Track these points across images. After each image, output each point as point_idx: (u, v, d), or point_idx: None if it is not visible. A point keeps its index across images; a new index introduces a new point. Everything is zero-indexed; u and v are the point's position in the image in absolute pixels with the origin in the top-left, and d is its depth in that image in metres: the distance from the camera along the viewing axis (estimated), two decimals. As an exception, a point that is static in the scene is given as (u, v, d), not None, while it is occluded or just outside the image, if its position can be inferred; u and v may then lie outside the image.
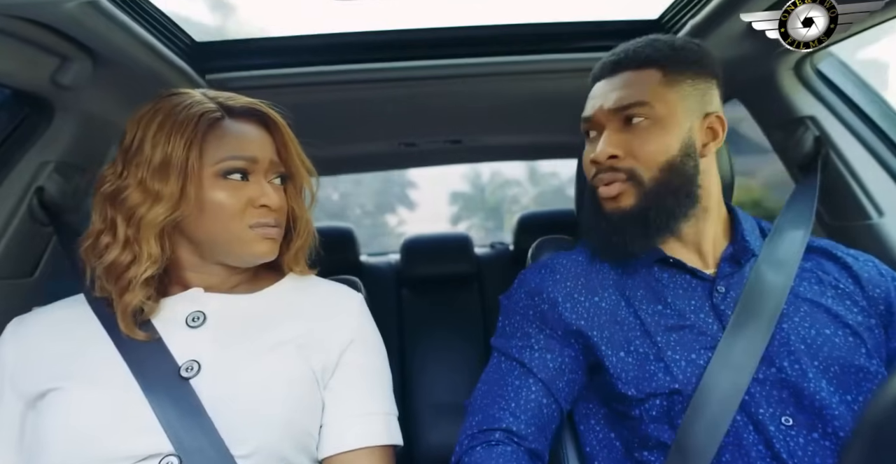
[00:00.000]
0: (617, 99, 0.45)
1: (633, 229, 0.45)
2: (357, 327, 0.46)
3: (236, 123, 0.43)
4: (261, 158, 0.42)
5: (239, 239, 0.42)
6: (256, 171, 0.43)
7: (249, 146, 0.42)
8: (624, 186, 0.44)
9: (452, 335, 1.13)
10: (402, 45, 0.71)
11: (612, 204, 0.46)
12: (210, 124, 0.41)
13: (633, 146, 0.44)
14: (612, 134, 0.45)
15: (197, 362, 0.39)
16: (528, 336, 0.47)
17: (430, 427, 1.02)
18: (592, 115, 0.47)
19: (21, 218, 0.56)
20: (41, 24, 0.46)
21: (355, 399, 0.43)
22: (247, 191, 0.42)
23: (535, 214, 1.34)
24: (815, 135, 0.64)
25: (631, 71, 0.45)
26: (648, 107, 0.44)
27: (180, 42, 0.65)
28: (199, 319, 0.42)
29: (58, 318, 0.42)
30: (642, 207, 0.44)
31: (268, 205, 0.42)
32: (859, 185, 0.62)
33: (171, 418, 0.36)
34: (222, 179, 0.41)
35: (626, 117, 0.45)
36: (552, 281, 0.48)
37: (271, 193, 0.42)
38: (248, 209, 0.42)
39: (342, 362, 0.44)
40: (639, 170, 0.44)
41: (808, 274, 0.46)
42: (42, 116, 0.58)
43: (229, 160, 0.41)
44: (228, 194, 0.41)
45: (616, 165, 0.45)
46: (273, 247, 0.43)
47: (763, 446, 0.38)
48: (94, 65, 0.54)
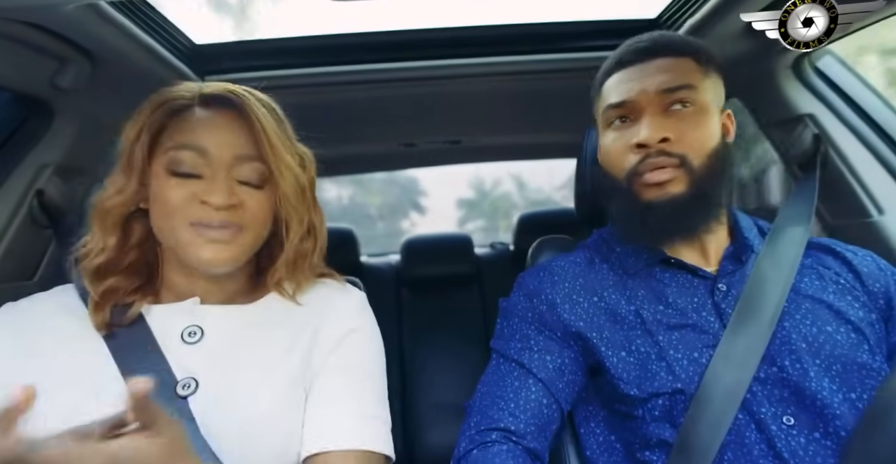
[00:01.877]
0: (662, 82, 0.42)
1: (684, 218, 0.42)
2: (358, 319, 0.44)
3: (202, 111, 0.38)
4: (216, 151, 0.37)
5: (182, 240, 0.37)
6: (211, 164, 0.37)
7: (203, 136, 0.37)
8: (676, 173, 0.42)
9: (453, 336, 1.13)
10: (400, 46, 0.71)
11: (657, 191, 0.42)
12: (170, 113, 0.38)
13: (683, 131, 0.42)
14: (656, 118, 0.42)
15: (194, 379, 0.37)
16: (528, 338, 0.46)
17: (431, 427, 1.01)
18: (632, 98, 0.43)
19: (21, 221, 0.56)
20: (40, 27, 0.46)
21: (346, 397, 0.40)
22: (193, 186, 0.37)
23: (535, 214, 1.34)
24: (813, 133, 0.64)
25: (668, 57, 0.44)
26: (694, 91, 0.43)
27: (179, 44, 0.65)
28: (195, 334, 0.39)
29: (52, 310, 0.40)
30: (692, 194, 0.42)
31: (208, 201, 0.36)
32: (859, 183, 0.62)
33: None
34: (170, 173, 0.37)
35: (671, 102, 0.43)
36: (550, 283, 0.48)
37: (218, 189, 0.36)
38: (191, 205, 0.37)
39: (338, 351, 0.41)
40: (690, 156, 0.42)
41: (808, 270, 0.45)
42: (41, 118, 0.58)
43: (174, 150, 0.37)
44: (171, 188, 0.37)
45: (668, 149, 0.42)
46: (223, 253, 0.37)
47: (765, 445, 0.38)
48: (93, 67, 0.54)
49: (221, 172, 0.38)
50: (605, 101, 0.46)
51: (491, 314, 1.18)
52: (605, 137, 0.47)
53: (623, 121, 0.45)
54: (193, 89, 0.40)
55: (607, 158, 0.46)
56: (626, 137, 0.44)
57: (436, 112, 0.91)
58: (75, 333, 0.39)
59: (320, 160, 0.45)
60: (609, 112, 0.46)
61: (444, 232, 1.55)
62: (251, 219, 0.39)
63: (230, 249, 0.38)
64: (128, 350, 0.38)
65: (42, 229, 0.58)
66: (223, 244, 0.38)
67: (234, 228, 0.38)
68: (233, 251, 0.38)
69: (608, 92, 0.46)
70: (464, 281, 1.24)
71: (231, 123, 0.39)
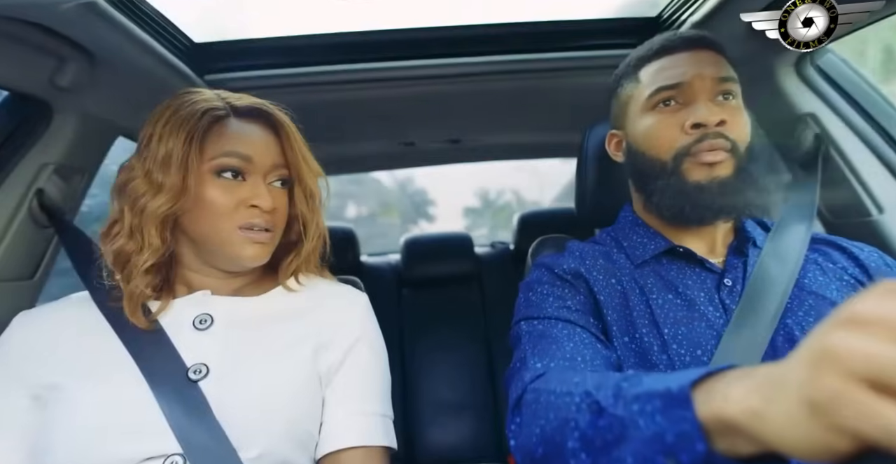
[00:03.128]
0: (717, 70, 0.44)
1: (730, 200, 0.43)
2: (362, 328, 0.46)
3: (239, 122, 0.43)
4: (258, 159, 0.42)
5: (227, 241, 0.41)
6: (253, 171, 0.42)
7: (247, 145, 0.42)
8: (725, 155, 0.42)
9: (453, 335, 1.13)
10: (400, 45, 0.71)
11: (708, 171, 0.43)
12: (212, 121, 0.42)
13: (734, 119, 0.43)
14: (711, 103, 0.43)
15: (205, 365, 0.39)
16: (563, 298, 0.44)
17: (431, 426, 1.01)
18: (689, 80, 0.44)
19: (21, 220, 0.56)
20: (39, 26, 0.46)
21: (354, 399, 0.43)
22: (240, 191, 0.41)
23: (535, 214, 1.33)
24: (815, 132, 0.64)
25: (710, 51, 0.45)
26: (738, 86, 0.44)
27: (179, 43, 0.65)
28: (206, 321, 0.42)
29: (65, 315, 0.42)
30: (736, 179, 0.43)
31: (258, 205, 0.41)
32: (860, 182, 0.62)
33: (180, 420, 0.36)
34: (217, 177, 0.41)
35: (723, 91, 0.44)
36: (572, 258, 0.49)
37: (265, 194, 0.42)
38: (239, 209, 0.41)
39: (347, 362, 0.44)
40: (738, 143, 0.43)
41: (812, 265, 0.45)
42: (41, 117, 0.57)
43: (223, 157, 0.41)
44: (220, 192, 0.41)
45: (724, 133, 0.43)
46: (261, 252, 0.43)
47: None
48: (92, 66, 0.54)
49: (261, 177, 0.43)
50: (650, 85, 0.46)
51: (491, 313, 1.17)
52: (647, 118, 0.47)
53: (668, 104, 0.46)
54: (217, 99, 0.44)
55: (653, 138, 0.46)
56: (678, 117, 0.45)
57: (436, 111, 0.91)
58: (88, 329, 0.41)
59: (320, 159, 0.47)
60: (658, 94, 0.46)
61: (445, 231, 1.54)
62: (280, 220, 0.44)
63: (267, 248, 0.43)
64: (140, 340, 0.39)
65: (42, 228, 0.58)
66: (262, 244, 0.43)
67: (274, 228, 0.43)
68: (268, 250, 0.44)
69: (653, 76, 0.47)
70: (464, 280, 1.24)
71: (265, 133, 0.44)
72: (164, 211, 0.40)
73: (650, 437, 0.25)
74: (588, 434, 0.29)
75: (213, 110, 0.42)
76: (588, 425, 0.29)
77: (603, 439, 0.28)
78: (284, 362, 0.41)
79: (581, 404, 0.30)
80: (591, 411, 0.29)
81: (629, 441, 0.26)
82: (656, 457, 0.25)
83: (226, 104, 0.43)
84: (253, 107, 0.44)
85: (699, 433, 0.23)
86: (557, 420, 0.31)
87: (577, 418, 0.30)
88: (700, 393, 0.24)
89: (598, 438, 0.28)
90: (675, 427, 0.24)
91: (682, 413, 0.24)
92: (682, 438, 0.24)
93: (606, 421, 0.28)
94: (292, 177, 0.45)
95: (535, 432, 0.33)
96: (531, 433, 0.33)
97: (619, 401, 0.28)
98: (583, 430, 0.29)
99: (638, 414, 0.26)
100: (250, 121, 0.44)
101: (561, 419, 0.31)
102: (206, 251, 0.43)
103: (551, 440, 0.31)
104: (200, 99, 0.42)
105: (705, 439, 0.23)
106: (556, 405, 0.32)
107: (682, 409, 0.24)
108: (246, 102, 0.44)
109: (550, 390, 0.34)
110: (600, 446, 0.28)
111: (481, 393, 1.06)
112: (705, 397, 0.23)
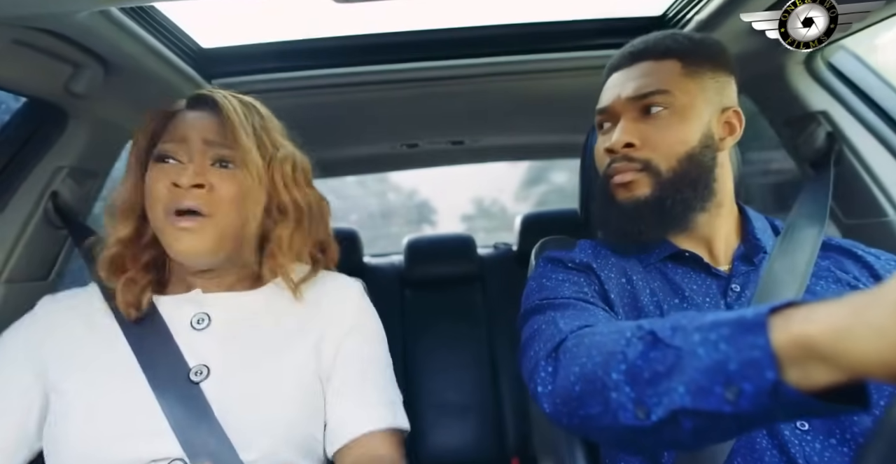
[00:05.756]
0: (636, 87, 0.44)
1: (648, 219, 0.43)
2: (356, 316, 0.45)
3: (189, 112, 0.43)
4: (192, 137, 0.41)
5: (162, 231, 0.40)
6: (188, 152, 0.40)
7: (183, 129, 0.41)
8: (637, 176, 0.43)
9: (456, 336, 1.12)
10: (404, 47, 0.72)
11: (625, 193, 0.44)
12: (167, 117, 0.43)
13: (652, 136, 0.43)
14: (629, 123, 0.44)
15: (206, 366, 0.39)
16: (578, 284, 0.44)
17: (434, 427, 1.01)
18: (609, 105, 0.45)
19: (36, 222, 0.58)
20: (55, 34, 0.47)
21: (357, 390, 0.42)
22: (170, 171, 0.40)
23: (539, 215, 1.33)
24: (827, 130, 0.63)
25: (650, 61, 0.45)
26: (669, 95, 0.43)
27: (187, 48, 0.66)
28: (203, 321, 0.41)
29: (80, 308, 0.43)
30: (657, 196, 0.43)
31: (177, 182, 0.38)
32: (874, 181, 0.60)
33: (182, 422, 0.36)
34: (155, 163, 0.41)
35: (644, 106, 0.44)
36: (583, 253, 0.48)
37: (188, 171, 0.39)
38: (166, 191, 0.39)
39: (343, 350, 0.43)
40: (655, 160, 0.43)
41: (825, 273, 0.44)
42: (56, 122, 0.59)
43: (161, 144, 0.41)
44: (155, 175, 0.40)
45: (631, 155, 0.43)
46: (195, 243, 0.39)
47: (777, 450, 0.37)
48: (105, 72, 0.56)
49: (196, 156, 0.40)
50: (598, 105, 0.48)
51: (494, 314, 1.16)
52: (597, 138, 0.49)
53: (604, 126, 0.47)
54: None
55: (595, 161, 0.49)
56: (602, 142, 0.47)
57: (439, 113, 0.91)
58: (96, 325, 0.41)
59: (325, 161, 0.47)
60: (597, 117, 0.48)
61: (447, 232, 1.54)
62: (217, 203, 0.40)
63: (200, 238, 0.39)
64: (144, 339, 0.40)
65: (56, 230, 0.60)
66: (192, 234, 0.39)
67: (201, 215, 0.39)
68: (204, 241, 0.39)
69: (600, 97, 0.48)
70: (467, 281, 1.24)
71: (208, 117, 0.42)
72: (125, 206, 0.41)
73: (709, 365, 0.24)
74: (636, 365, 0.27)
75: (169, 108, 0.43)
76: (638, 355, 0.27)
77: (652, 371, 0.26)
78: (284, 362, 0.41)
79: (632, 338, 0.28)
80: (643, 343, 0.28)
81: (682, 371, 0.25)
82: (713, 387, 0.23)
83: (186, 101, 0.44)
84: (199, 95, 0.44)
85: (770, 361, 0.21)
86: (602, 355, 0.30)
87: (627, 350, 0.28)
88: (777, 319, 0.22)
89: (646, 369, 0.26)
90: (742, 355, 0.22)
91: (752, 340, 0.22)
92: (749, 365, 0.22)
93: (660, 352, 0.26)
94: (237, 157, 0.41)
95: (574, 371, 0.31)
96: (569, 373, 0.32)
97: (678, 332, 0.26)
98: (631, 361, 0.27)
99: (699, 344, 0.24)
100: (198, 110, 0.43)
101: (606, 354, 0.29)
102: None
103: (592, 375, 0.30)
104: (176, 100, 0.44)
105: (776, 367, 0.21)
106: (603, 342, 0.31)
107: (753, 335, 0.22)
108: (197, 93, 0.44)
109: (597, 332, 0.32)
110: (648, 377, 0.26)
111: (484, 395, 1.05)
112: (783, 322, 0.22)
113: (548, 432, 0.53)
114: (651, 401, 0.26)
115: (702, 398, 0.24)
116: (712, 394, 0.23)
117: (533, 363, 0.37)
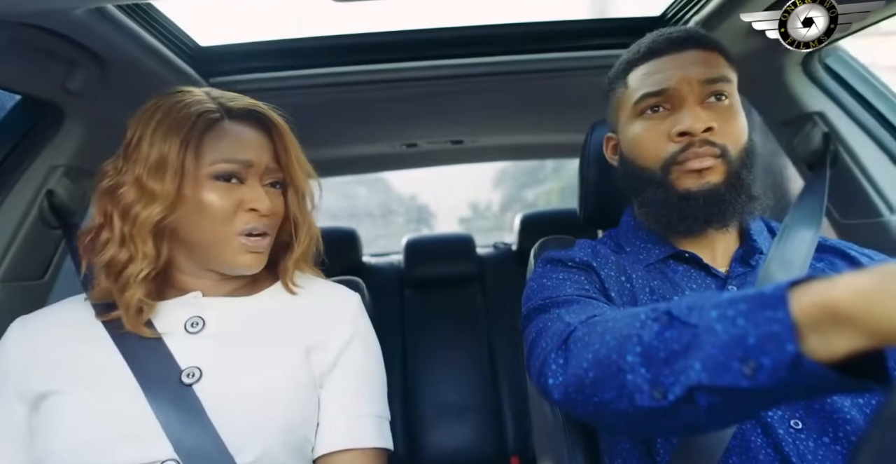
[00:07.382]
0: (703, 72, 0.42)
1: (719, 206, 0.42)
2: (355, 328, 0.45)
3: (235, 125, 0.42)
4: (256, 162, 0.41)
5: (226, 247, 0.41)
6: (251, 175, 0.42)
7: (246, 150, 0.41)
8: (715, 161, 0.41)
9: (455, 335, 1.13)
10: (403, 47, 0.71)
11: (697, 180, 0.42)
12: (208, 125, 0.40)
13: (724, 122, 0.41)
14: (700, 107, 0.42)
15: (198, 368, 0.38)
16: (580, 283, 0.44)
17: (433, 427, 1.01)
18: (673, 86, 0.42)
19: (32, 221, 0.57)
20: (51, 32, 0.47)
21: (349, 401, 0.42)
22: (239, 193, 0.41)
23: (538, 214, 1.33)
24: (823, 131, 0.63)
25: (700, 50, 0.43)
26: (731, 85, 0.42)
27: (185, 46, 0.66)
28: (198, 324, 0.41)
29: (61, 319, 0.41)
30: (730, 184, 0.41)
31: (257, 209, 0.41)
32: (870, 181, 0.61)
33: (174, 424, 0.35)
34: (216, 181, 0.40)
35: (713, 92, 0.42)
36: (583, 252, 0.48)
37: (263, 197, 0.41)
38: (238, 213, 0.41)
39: (339, 362, 0.43)
40: (729, 147, 0.42)
41: (819, 274, 0.44)
42: (52, 121, 0.59)
43: (223, 163, 0.40)
44: (220, 196, 0.40)
45: (711, 139, 0.41)
46: (256, 261, 0.42)
47: (771, 449, 0.37)
48: (101, 70, 0.55)
49: (257, 180, 0.42)
50: (636, 91, 0.45)
51: (493, 314, 1.17)
52: (634, 126, 0.45)
53: (656, 110, 0.44)
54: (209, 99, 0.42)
55: (640, 146, 0.45)
56: (665, 125, 0.43)
57: (438, 112, 0.91)
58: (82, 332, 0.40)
59: (325, 161, 0.46)
60: (644, 101, 0.44)
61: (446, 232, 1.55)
62: (275, 224, 0.44)
63: (262, 257, 0.43)
64: (133, 342, 0.39)
65: (51, 229, 0.60)
66: (258, 254, 0.43)
67: (267, 235, 0.43)
68: (263, 258, 0.44)
69: (639, 81, 0.45)
70: (466, 281, 1.24)
71: (260, 135, 0.43)
72: (159, 220, 0.38)
73: (727, 341, 0.23)
74: (652, 346, 0.27)
75: (208, 113, 0.40)
76: (654, 336, 0.27)
77: (668, 350, 0.26)
78: (278, 365, 0.40)
79: (647, 320, 0.28)
80: (659, 323, 0.27)
81: (700, 348, 0.24)
82: (730, 362, 0.23)
83: (219, 106, 0.42)
84: (247, 109, 0.43)
85: (790, 334, 0.21)
86: (615, 340, 0.29)
87: (641, 332, 0.28)
88: (798, 290, 0.22)
89: (662, 348, 0.26)
90: (761, 329, 0.22)
91: (771, 314, 0.22)
92: (768, 339, 0.22)
93: (676, 331, 0.26)
94: (286, 179, 0.44)
95: (587, 358, 0.31)
96: (581, 361, 0.31)
97: (695, 310, 0.26)
98: (646, 343, 0.27)
99: (716, 320, 0.24)
100: (245, 123, 0.43)
101: (621, 338, 0.29)
102: (202, 256, 0.42)
103: (606, 360, 0.29)
104: (193, 100, 0.41)
105: (795, 339, 0.21)
106: (617, 328, 0.30)
107: (772, 310, 0.22)
108: (240, 104, 0.43)
109: (609, 318, 0.32)
110: (664, 357, 0.26)
111: (483, 394, 1.05)
112: (804, 291, 0.22)
113: (547, 432, 0.53)
114: (667, 380, 0.25)
115: (719, 374, 0.23)
116: (729, 370, 0.23)
117: (542, 359, 0.36)
